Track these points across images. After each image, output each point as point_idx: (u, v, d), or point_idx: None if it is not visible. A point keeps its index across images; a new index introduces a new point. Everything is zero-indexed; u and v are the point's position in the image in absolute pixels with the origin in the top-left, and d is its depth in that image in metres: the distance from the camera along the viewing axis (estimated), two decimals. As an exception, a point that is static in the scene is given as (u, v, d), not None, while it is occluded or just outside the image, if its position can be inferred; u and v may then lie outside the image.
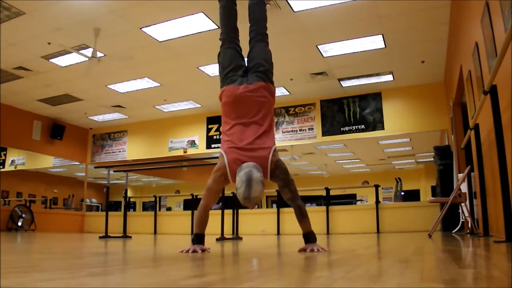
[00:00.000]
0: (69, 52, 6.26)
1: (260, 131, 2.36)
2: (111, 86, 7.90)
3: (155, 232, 9.04)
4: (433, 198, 6.04)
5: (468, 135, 4.29)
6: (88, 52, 6.11)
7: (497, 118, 2.63)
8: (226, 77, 2.51)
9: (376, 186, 7.59)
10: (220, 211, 5.28)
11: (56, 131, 9.89)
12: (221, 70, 2.57)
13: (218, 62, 2.62)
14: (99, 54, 6.26)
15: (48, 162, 10.63)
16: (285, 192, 2.38)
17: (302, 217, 2.38)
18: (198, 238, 2.37)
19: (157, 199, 9.60)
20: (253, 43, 2.63)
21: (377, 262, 1.55)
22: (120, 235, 5.92)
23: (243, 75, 2.51)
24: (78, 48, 6.13)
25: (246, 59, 2.63)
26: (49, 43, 6.02)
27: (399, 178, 11.22)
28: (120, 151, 10.43)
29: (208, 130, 9.48)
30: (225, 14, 2.68)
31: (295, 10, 5.21)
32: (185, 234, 8.14)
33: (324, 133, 8.36)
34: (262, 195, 2.17)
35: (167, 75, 7.40)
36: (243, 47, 2.67)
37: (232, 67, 2.52)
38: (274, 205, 9.03)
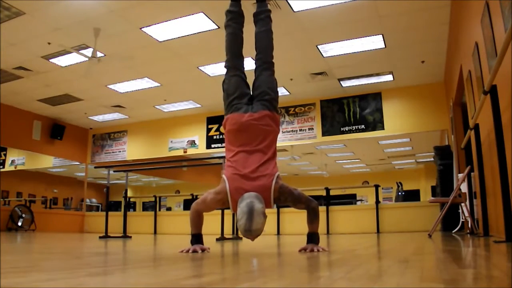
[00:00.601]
0: (69, 52, 6.26)
1: (264, 159, 2.34)
2: (111, 86, 7.90)
3: (155, 232, 9.04)
4: (433, 198, 6.04)
5: (468, 135, 4.29)
6: (88, 52, 6.11)
7: (497, 118, 2.63)
8: (230, 104, 2.49)
9: (376, 186, 7.59)
10: (220, 211, 5.28)
11: (56, 131, 9.89)
12: (225, 98, 2.54)
13: (223, 89, 2.60)
14: (99, 54, 6.26)
15: (48, 162, 10.63)
16: (299, 207, 2.39)
17: (314, 218, 2.40)
18: (196, 238, 2.37)
19: (157, 199, 9.60)
20: (259, 71, 2.61)
21: (377, 262, 1.55)
22: (120, 235, 5.92)
23: (248, 103, 2.49)
24: (78, 48, 6.13)
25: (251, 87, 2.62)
26: (49, 43, 6.02)
27: (400, 183, 11.21)
28: (120, 151, 10.44)
29: (208, 130, 9.48)
30: (231, 41, 2.66)
31: (295, 10, 5.21)
32: (185, 234, 8.13)
33: (324, 133, 8.36)
34: (263, 227, 2.15)
35: (167, 75, 7.40)
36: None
37: (237, 94, 2.49)
38: (274, 205, 9.02)
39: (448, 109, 6.97)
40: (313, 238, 2.38)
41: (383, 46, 6.20)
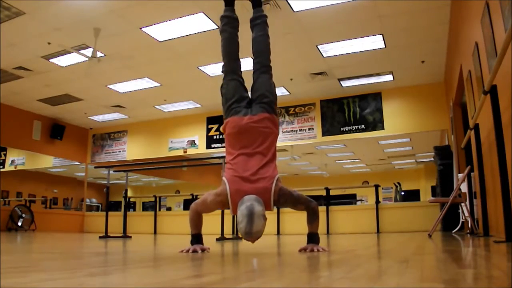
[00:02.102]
0: (69, 52, 6.26)
1: (264, 161, 2.35)
2: (111, 86, 7.90)
3: (155, 232, 9.04)
4: (433, 198, 6.04)
5: (468, 135, 4.29)
6: (88, 52, 6.11)
7: (497, 118, 2.63)
8: (230, 108, 2.51)
9: (376, 186, 7.59)
10: (220, 211, 5.27)
11: (56, 131, 9.89)
12: (224, 102, 2.56)
13: (221, 94, 2.62)
14: (99, 54, 6.26)
15: (48, 162, 10.63)
16: (299, 208, 2.41)
17: (314, 218, 2.41)
18: (196, 238, 2.38)
19: (157, 199, 9.60)
20: (257, 75, 2.63)
21: (377, 262, 1.55)
22: (120, 235, 5.92)
23: (247, 106, 2.51)
24: (78, 48, 6.13)
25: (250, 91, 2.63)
26: (49, 43, 6.02)
27: (398, 183, 11.21)
28: (120, 151, 10.44)
29: (208, 130, 9.48)
30: (227, 46, 2.68)
31: (295, 10, 5.21)
32: (185, 234, 8.13)
33: (324, 133, 8.36)
34: (264, 230, 2.15)
35: (167, 75, 7.40)
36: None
37: (236, 98, 2.51)
38: (274, 208, 9.02)
39: (448, 109, 6.97)
40: (313, 238, 2.39)
41: (383, 46, 6.20)
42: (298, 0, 5.01)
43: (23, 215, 8.82)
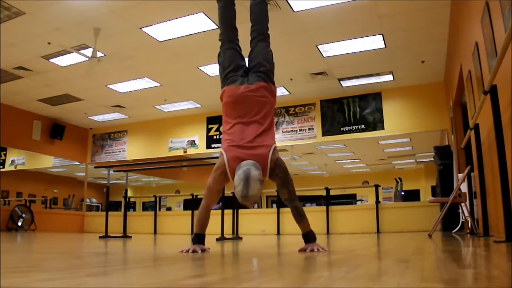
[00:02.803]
0: (69, 52, 6.26)
1: (260, 129, 2.36)
2: (111, 86, 7.90)
3: (155, 232, 9.04)
4: (433, 198, 6.04)
5: (468, 135, 4.29)
6: (88, 52, 6.11)
7: (497, 118, 2.63)
8: (226, 77, 2.51)
9: (376, 186, 7.59)
10: (220, 211, 5.28)
11: (56, 131, 9.89)
12: (221, 71, 2.57)
13: (218, 63, 2.62)
14: (99, 54, 6.26)
15: (48, 162, 10.62)
16: (283, 192, 2.38)
17: (300, 218, 2.38)
18: (199, 238, 2.37)
19: (157, 199, 9.60)
20: (254, 43, 2.63)
21: (377, 262, 1.55)
22: (120, 235, 5.92)
23: (244, 75, 2.51)
24: (78, 48, 6.13)
25: (247, 59, 2.63)
26: (49, 43, 6.02)
27: (400, 178, 11.21)
28: (120, 151, 10.44)
29: (208, 130, 9.48)
30: (224, 14, 2.68)
31: (295, 10, 5.21)
32: (185, 234, 8.14)
33: (324, 133, 8.36)
34: (260, 193, 2.17)
35: (167, 75, 7.40)
36: (243, 47, 2.67)
37: (233, 67, 2.52)
38: (274, 205, 9.03)
39: (448, 109, 6.97)
40: (309, 237, 2.38)
41: (383, 46, 6.20)
42: (298, 0, 5.01)
43: (23, 215, 8.82)
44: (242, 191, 2.09)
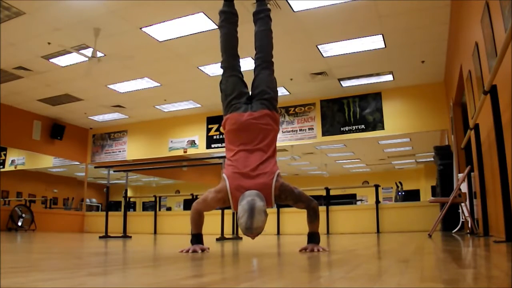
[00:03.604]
0: (69, 52, 6.26)
1: (264, 157, 2.34)
2: (111, 86, 7.90)
3: (155, 232, 9.04)
4: (433, 198, 6.04)
5: (468, 135, 4.29)
6: (88, 52, 6.11)
7: (497, 118, 2.63)
8: (229, 104, 2.48)
9: (376, 186, 7.59)
10: (220, 211, 5.28)
11: (56, 131, 9.89)
12: (223, 98, 2.54)
13: (220, 90, 2.58)
14: (99, 54, 6.26)
15: (48, 162, 10.63)
16: (299, 206, 2.39)
17: (314, 218, 2.39)
18: (197, 238, 2.37)
19: (157, 199, 9.60)
20: (258, 70, 2.60)
21: (377, 262, 1.55)
22: (120, 235, 5.92)
23: (247, 102, 2.48)
24: (78, 48, 6.13)
25: (250, 86, 2.61)
26: (49, 43, 6.02)
27: (400, 182, 11.19)
28: (120, 151, 10.44)
29: (208, 130, 9.48)
30: (226, 42, 2.65)
31: (295, 10, 5.21)
32: (185, 234, 8.14)
33: (324, 133, 8.37)
34: (264, 225, 2.14)
35: (167, 75, 7.40)
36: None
37: (235, 94, 2.49)
38: (275, 205, 9.03)
39: (448, 109, 6.97)
40: (313, 238, 2.38)
41: (383, 46, 6.20)
42: (298, 0, 5.01)
43: (23, 215, 8.82)
44: (246, 223, 2.04)
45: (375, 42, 6.09)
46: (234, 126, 2.42)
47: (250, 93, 2.56)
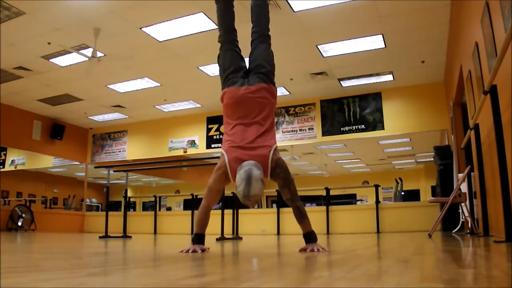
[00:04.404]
0: (69, 52, 6.26)
1: (261, 130, 2.37)
2: (111, 86, 7.90)
3: (155, 232, 9.04)
4: (433, 198, 6.04)
5: (468, 135, 4.29)
6: (88, 52, 6.11)
7: (497, 118, 2.63)
8: (227, 79, 2.51)
9: (376, 186, 7.59)
10: (220, 211, 5.28)
11: (56, 131, 9.89)
12: (221, 72, 2.57)
13: (218, 64, 2.62)
14: (99, 54, 6.26)
15: (48, 162, 10.63)
16: (285, 192, 2.38)
17: (302, 218, 2.38)
18: (199, 238, 2.37)
19: (157, 199, 9.60)
20: (255, 44, 2.62)
21: (377, 262, 1.55)
22: (120, 235, 5.92)
23: (244, 76, 2.50)
24: (78, 48, 6.13)
25: (246, 59, 2.63)
26: (49, 43, 6.02)
27: (400, 179, 11.20)
28: (120, 151, 10.44)
29: (208, 130, 9.48)
30: (223, 16, 2.67)
31: (295, 10, 5.21)
32: (185, 234, 8.14)
33: (324, 133, 8.37)
34: (262, 193, 2.17)
35: (167, 75, 7.40)
36: (243, 46, 2.67)
37: (233, 68, 2.51)
38: (274, 205, 9.04)
39: (448, 109, 6.97)
40: (310, 237, 2.38)
41: (383, 46, 6.20)
42: (298, 0, 5.01)
43: (23, 215, 8.82)
44: (244, 191, 2.10)
45: (375, 42, 6.09)
46: (231, 100, 2.44)
47: (247, 66, 2.57)
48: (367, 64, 6.93)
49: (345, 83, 7.80)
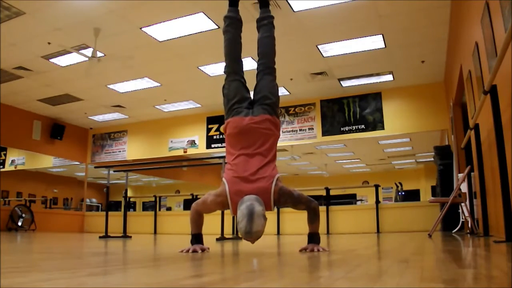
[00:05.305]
0: (69, 52, 6.26)
1: (264, 162, 2.34)
2: (111, 86, 7.90)
3: (155, 232, 9.04)
4: (433, 198, 6.04)
5: (468, 135, 4.29)
6: (88, 52, 6.11)
7: (497, 118, 2.63)
8: (231, 109, 2.50)
9: (376, 186, 7.59)
10: (220, 211, 5.27)
11: (56, 131, 9.89)
12: (226, 102, 2.56)
13: (223, 94, 2.61)
14: (99, 54, 6.26)
15: (48, 162, 10.63)
16: (299, 208, 2.40)
17: (314, 219, 2.40)
18: (196, 238, 2.38)
19: (157, 199, 9.60)
20: (260, 76, 2.64)
21: (377, 262, 1.55)
22: (120, 235, 5.92)
23: (249, 107, 2.50)
24: (78, 48, 6.13)
25: (252, 91, 2.63)
26: (49, 43, 6.02)
27: (400, 183, 11.20)
28: (120, 151, 10.44)
29: (208, 130, 9.48)
30: (230, 47, 2.67)
31: (295, 10, 5.21)
32: (185, 234, 8.13)
33: (324, 133, 8.37)
34: (264, 229, 2.14)
35: (167, 75, 7.40)
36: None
37: (237, 99, 2.51)
38: (274, 208, 9.04)
39: (448, 109, 6.97)
40: (313, 238, 2.39)
41: (383, 46, 6.20)
42: (298, 0, 5.01)
43: (23, 215, 8.82)
44: (245, 227, 2.05)
45: (375, 42, 6.09)
46: (235, 130, 2.43)
47: (252, 98, 2.57)
48: (367, 64, 6.93)
49: (345, 83, 7.80)
